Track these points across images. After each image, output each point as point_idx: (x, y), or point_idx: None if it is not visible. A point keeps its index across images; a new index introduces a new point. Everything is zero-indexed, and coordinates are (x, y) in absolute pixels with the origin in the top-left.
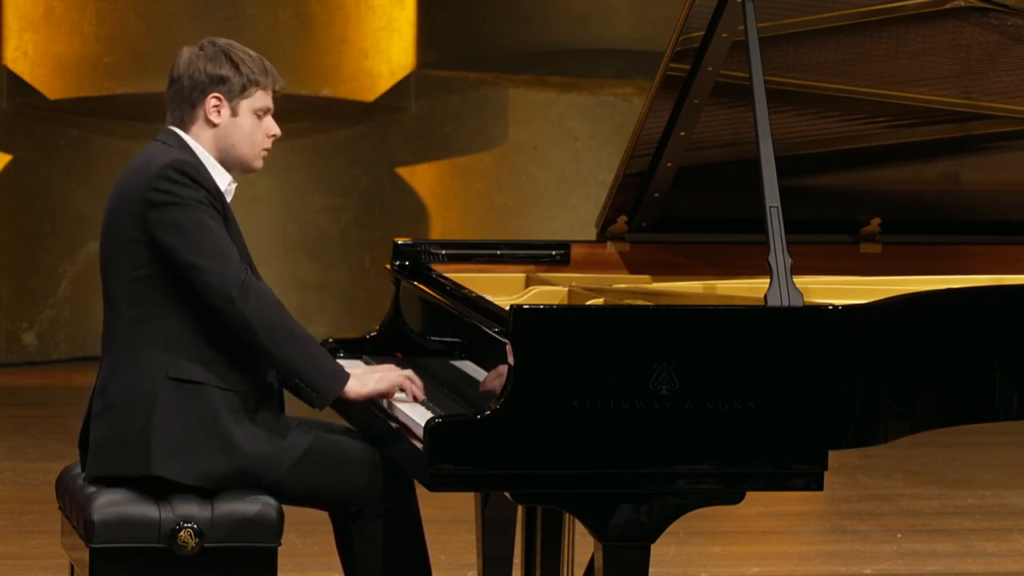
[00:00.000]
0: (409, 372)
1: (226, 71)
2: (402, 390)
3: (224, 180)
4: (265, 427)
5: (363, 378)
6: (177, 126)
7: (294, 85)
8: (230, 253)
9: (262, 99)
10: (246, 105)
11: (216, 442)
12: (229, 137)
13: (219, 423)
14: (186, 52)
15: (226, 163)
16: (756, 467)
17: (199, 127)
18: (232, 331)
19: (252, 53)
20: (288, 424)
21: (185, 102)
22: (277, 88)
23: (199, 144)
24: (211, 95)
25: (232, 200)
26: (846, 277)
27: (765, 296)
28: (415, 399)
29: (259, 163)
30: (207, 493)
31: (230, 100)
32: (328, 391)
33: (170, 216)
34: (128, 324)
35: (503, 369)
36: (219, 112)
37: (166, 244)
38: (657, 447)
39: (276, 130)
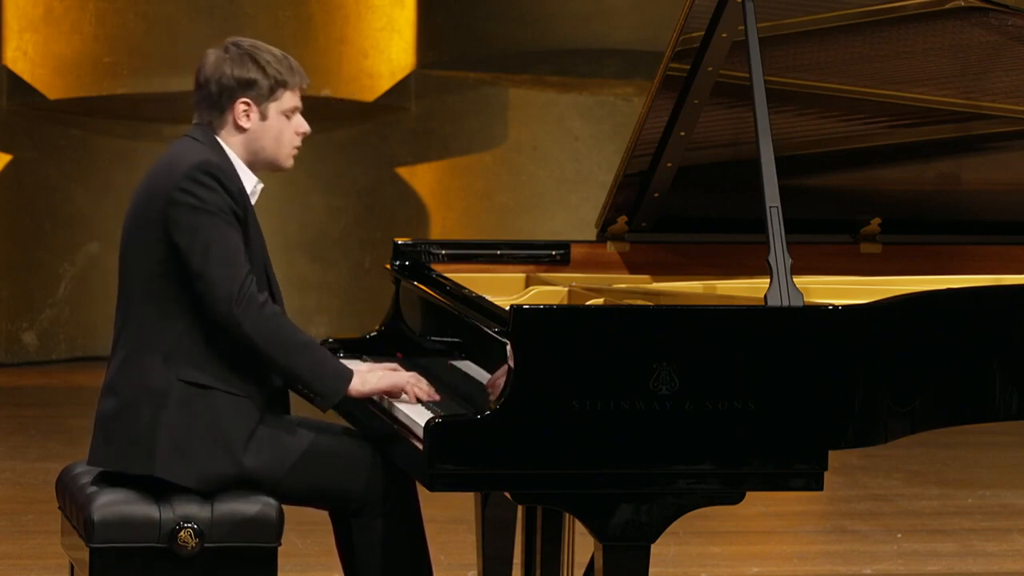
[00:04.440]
0: (413, 375)
1: (253, 74)
2: (405, 392)
3: (251, 182)
4: (269, 434)
5: (366, 376)
6: (206, 127)
7: None
8: (238, 264)
9: (290, 100)
10: (275, 108)
11: (220, 449)
12: (259, 140)
13: (224, 429)
14: (212, 55)
15: (255, 164)
16: (756, 467)
17: (228, 131)
18: (233, 339)
19: (277, 52)
20: (291, 425)
21: (214, 107)
22: (304, 86)
23: (228, 147)
24: (239, 100)
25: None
26: (846, 277)
27: (765, 296)
28: (418, 400)
29: (290, 162)
30: (207, 493)
31: (259, 104)
32: (331, 394)
33: (189, 218)
34: (140, 322)
35: (506, 369)
36: (248, 117)
37: (180, 246)
38: (657, 447)
39: (306, 128)
